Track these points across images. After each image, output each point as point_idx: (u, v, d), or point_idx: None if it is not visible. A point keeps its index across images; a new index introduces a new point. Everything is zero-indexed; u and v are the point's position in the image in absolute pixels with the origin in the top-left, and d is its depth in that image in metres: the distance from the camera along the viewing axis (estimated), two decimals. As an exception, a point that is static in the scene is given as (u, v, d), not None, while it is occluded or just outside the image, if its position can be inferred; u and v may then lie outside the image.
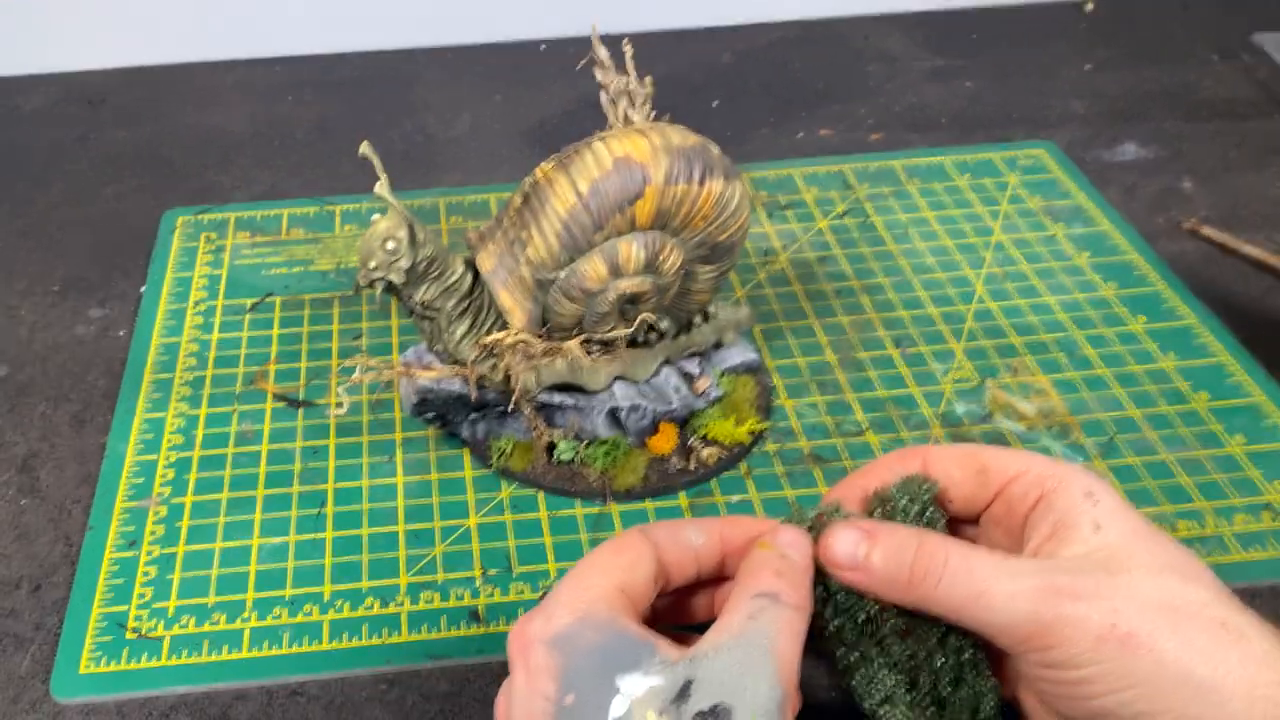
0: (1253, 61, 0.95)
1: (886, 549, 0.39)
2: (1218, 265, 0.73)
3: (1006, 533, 0.41)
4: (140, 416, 0.62)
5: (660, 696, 0.35)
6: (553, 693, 0.36)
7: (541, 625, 0.37)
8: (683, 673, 0.35)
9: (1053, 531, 0.39)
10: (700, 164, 0.51)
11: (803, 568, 0.39)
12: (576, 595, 0.38)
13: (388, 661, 0.50)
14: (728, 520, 0.42)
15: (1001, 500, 0.41)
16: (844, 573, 0.40)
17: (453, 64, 0.97)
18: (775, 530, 0.40)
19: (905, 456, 0.43)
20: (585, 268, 0.52)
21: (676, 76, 0.95)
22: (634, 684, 0.35)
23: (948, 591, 0.37)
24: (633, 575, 0.39)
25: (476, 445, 0.59)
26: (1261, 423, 0.61)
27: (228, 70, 0.96)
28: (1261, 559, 0.54)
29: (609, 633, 0.37)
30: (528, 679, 0.37)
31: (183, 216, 0.78)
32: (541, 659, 0.37)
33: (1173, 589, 0.36)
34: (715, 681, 0.35)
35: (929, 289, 0.71)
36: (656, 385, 0.59)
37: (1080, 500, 0.39)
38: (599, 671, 0.36)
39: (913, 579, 0.38)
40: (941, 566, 0.38)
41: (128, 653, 0.51)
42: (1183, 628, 0.35)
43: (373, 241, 0.52)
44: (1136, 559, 0.37)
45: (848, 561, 0.39)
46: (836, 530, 0.40)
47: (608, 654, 0.36)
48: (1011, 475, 0.41)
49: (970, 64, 0.96)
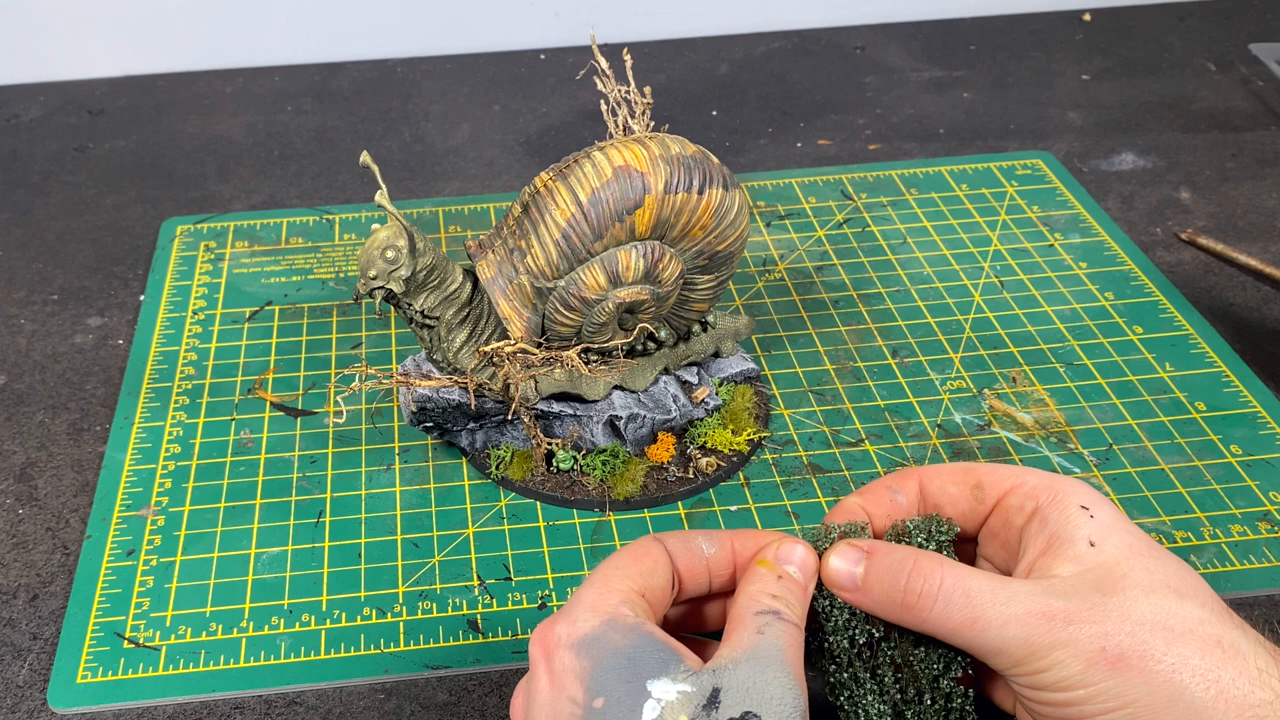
0: (1249, 72, 0.95)
1: (880, 569, 0.39)
2: (1215, 275, 0.73)
3: (1003, 546, 0.41)
4: (138, 425, 0.62)
5: (692, 702, 0.35)
6: (580, 696, 0.36)
7: (567, 629, 0.37)
8: (709, 681, 0.36)
9: (1048, 546, 0.39)
10: (700, 173, 0.51)
11: (801, 585, 0.40)
12: (602, 599, 0.38)
13: (385, 671, 0.50)
14: (739, 533, 0.42)
15: (998, 514, 0.41)
16: (843, 593, 0.40)
17: (452, 73, 0.97)
18: (779, 544, 0.41)
19: (902, 477, 0.43)
20: (585, 277, 0.52)
21: (675, 86, 0.95)
22: (665, 689, 0.36)
23: (943, 615, 0.38)
24: (652, 580, 0.39)
25: (475, 454, 0.59)
26: (1258, 432, 0.61)
27: (227, 80, 0.97)
28: (1258, 569, 0.54)
29: (636, 637, 0.37)
30: (552, 683, 0.37)
31: (182, 225, 0.78)
32: (568, 662, 0.37)
33: (1167, 607, 0.36)
34: (741, 690, 0.35)
35: (927, 299, 0.71)
36: (655, 394, 0.59)
37: (1075, 514, 0.39)
38: (627, 675, 0.36)
39: (906, 600, 0.38)
40: (936, 589, 0.38)
41: (125, 662, 0.51)
42: (1176, 647, 0.35)
43: (372, 250, 0.52)
44: (1131, 577, 0.37)
45: (847, 582, 0.40)
46: (837, 549, 0.40)
47: (635, 658, 0.36)
48: (1007, 489, 0.41)
49: (968, 74, 0.96)
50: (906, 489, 0.43)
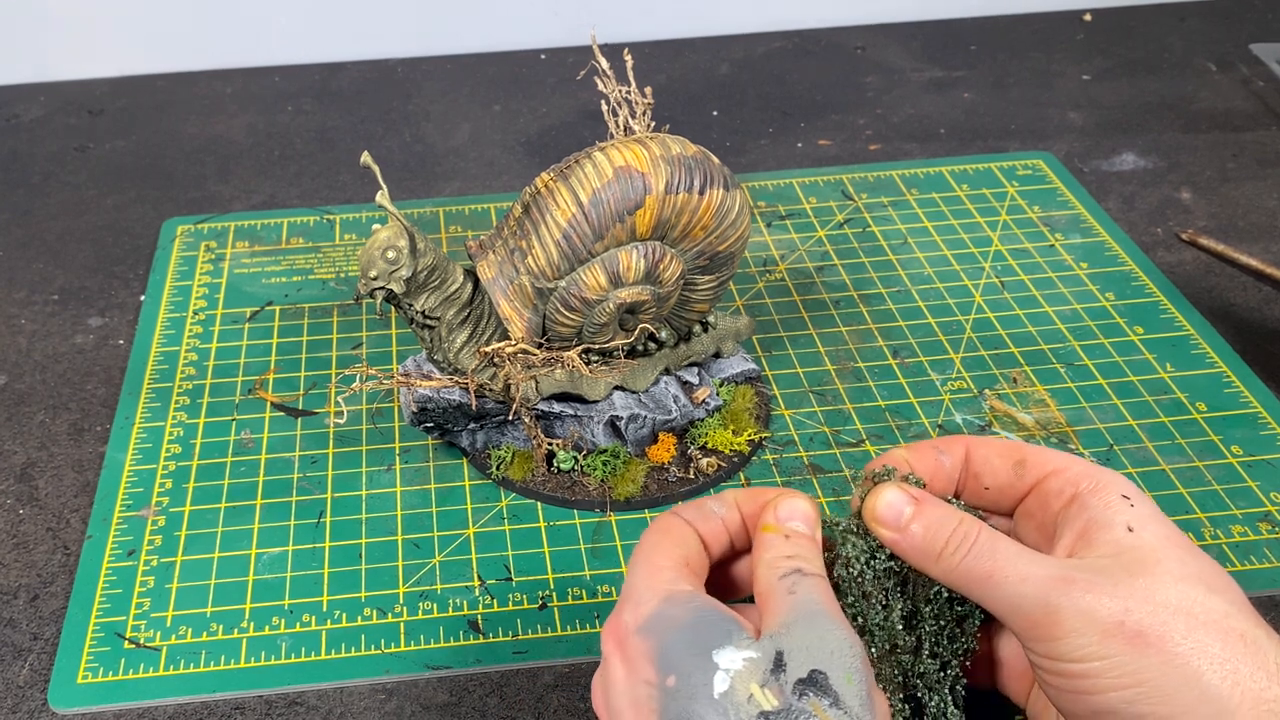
0: (1250, 73, 0.95)
1: (929, 520, 0.40)
2: (1216, 275, 0.73)
3: (1039, 527, 0.42)
4: (139, 425, 0.62)
5: (760, 668, 0.36)
6: (654, 677, 0.36)
7: (632, 614, 0.38)
8: (771, 645, 0.36)
9: (1084, 530, 0.39)
10: (700, 174, 0.51)
11: (809, 536, 0.41)
12: (654, 578, 0.39)
13: (386, 671, 0.50)
14: (742, 493, 0.43)
15: (1036, 495, 0.42)
16: (883, 530, 0.40)
17: (452, 74, 0.97)
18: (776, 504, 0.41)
19: (950, 442, 0.44)
20: (585, 277, 0.52)
21: (676, 86, 0.95)
22: (731, 658, 0.36)
23: (970, 565, 0.38)
24: (688, 549, 0.40)
25: (476, 455, 0.59)
26: (1259, 433, 0.61)
27: (227, 80, 0.97)
28: (1259, 569, 0.54)
29: (693, 609, 0.37)
30: (627, 669, 0.37)
31: (182, 226, 0.78)
32: (638, 646, 0.37)
33: (1195, 597, 0.36)
34: (801, 649, 0.36)
35: (927, 299, 0.71)
36: (656, 395, 0.59)
37: (1116, 502, 0.39)
38: (693, 650, 0.36)
39: (944, 550, 0.39)
40: (971, 543, 0.38)
41: (125, 663, 0.51)
42: (1198, 633, 0.36)
43: (373, 251, 0.52)
44: (1164, 565, 0.37)
45: (891, 521, 0.40)
46: (887, 488, 0.41)
47: (698, 630, 0.37)
48: (1050, 471, 0.42)
49: (969, 74, 0.96)
50: (953, 452, 0.43)
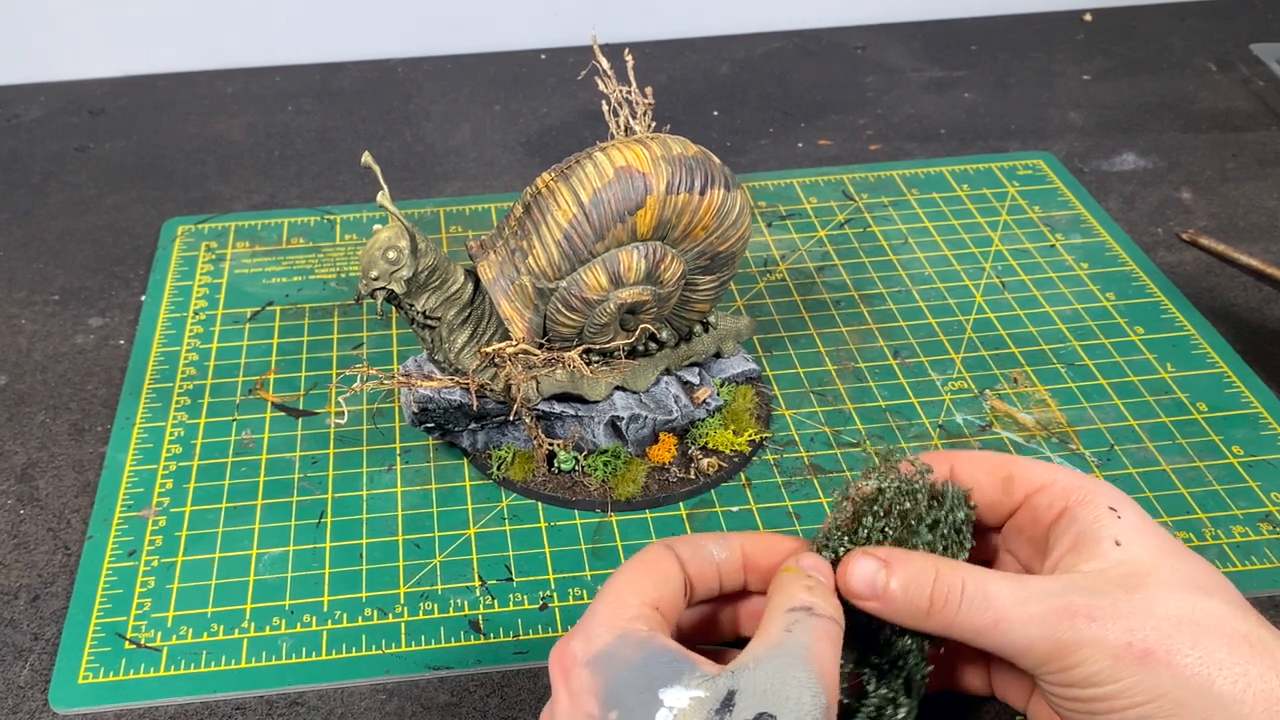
0: (1250, 72, 0.95)
1: (904, 576, 0.39)
2: (1216, 275, 0.73)
3: (1029, 541, 0.42)
4: (139, 426, 0.62)
5: (705, 707, 0.35)
6: (596, 712, 0.36)
7: (582, 646, 0.38)
8: (725, 684, 0.36)
9: (1074, 544, 0.39)
10: (701, 174, 0.51)
11: (830, 587, 0.40)
12: (615, 614, 0.38)
13: (387, 672, 0.50)
14: (749, 536, 0.42)
15: (1026, 510, 0.42)
16: (863, 602, 0.40)
17: (452, 74, 0.97)
18: (798, 555, 0.41)
19: (936, 458, 0.43)
20: (586, 277, 0.52)
21: (676, 86, 0.95)
22: (677, 696, 0.36)
23: (967, 618, 0.38)
24: (664, 591, 0.40)
25: (476, 455, 0.59)
26: (1260, 433, 0.61)
27: (227, 80, 0.97)
28: (1259, 570, 0.54)
29: (648, 649, 0.37)
30: (571, 701, 0.37)
31: (183, 226, 0.78)
32: (584, 680, 0.37)
33: (1193, 604, 0.37)
34: (758, 691, 0.35)
35: (928, 299, 0.71)
36: (656, 395, 0.59)
37: (1103, 515, 0.39)
38: (641, 687, 0.36)
39: (932, 607, 0.38)
40: (959, 595, 0.38)
41: (126, 663, 0.51)
42: (1202, 641, 0.36)
43: (374, 251, 0.52)
44: (1157, 575, 0.37)
45: (867, 589, 0.40)
46: (855, 559, 0.40)
47: (648, 670, 0.36)
48: (1037, 486, 0.41)
49: (969, 74, 0.96)
50: (939, 469, 0.43)
